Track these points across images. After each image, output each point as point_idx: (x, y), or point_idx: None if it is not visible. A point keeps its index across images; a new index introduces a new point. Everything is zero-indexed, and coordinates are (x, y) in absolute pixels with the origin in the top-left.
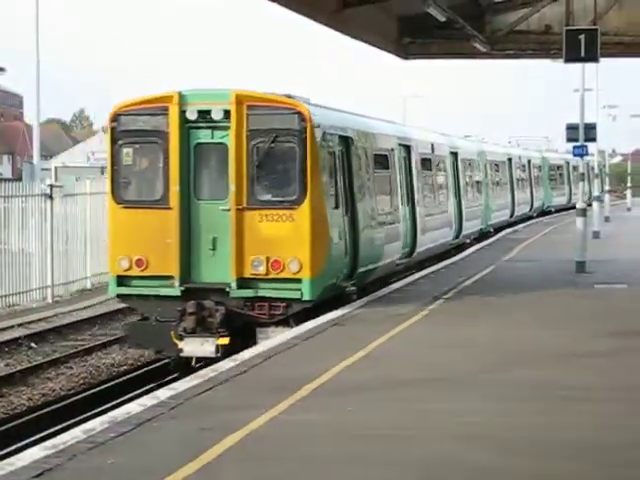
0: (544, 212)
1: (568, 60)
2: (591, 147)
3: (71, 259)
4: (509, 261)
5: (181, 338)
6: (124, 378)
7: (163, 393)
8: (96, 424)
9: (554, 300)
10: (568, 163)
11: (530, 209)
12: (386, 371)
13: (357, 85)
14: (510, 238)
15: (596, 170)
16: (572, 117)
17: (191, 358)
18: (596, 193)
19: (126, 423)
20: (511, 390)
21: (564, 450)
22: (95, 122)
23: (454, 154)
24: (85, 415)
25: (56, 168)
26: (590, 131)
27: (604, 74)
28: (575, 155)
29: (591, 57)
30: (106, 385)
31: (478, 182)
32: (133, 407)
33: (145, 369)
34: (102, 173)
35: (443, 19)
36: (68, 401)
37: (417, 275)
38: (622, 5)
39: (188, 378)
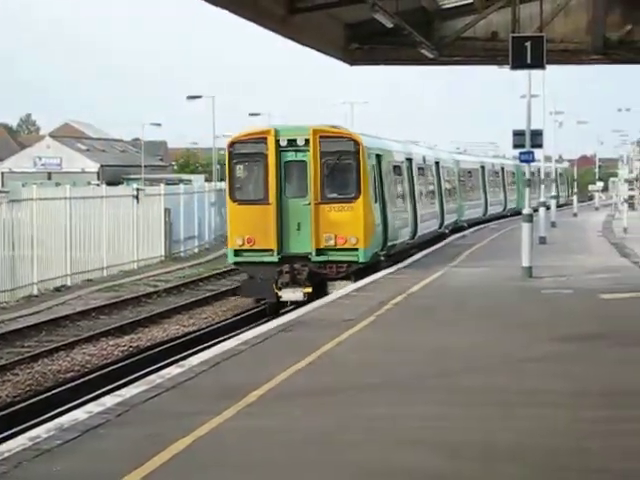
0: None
1: (514, 67)
2: (538, 153)
3: (18, 265)
4: (456, 267)
5: (280, 289)
6: (70, 385)
7: (109, 400)
8: (41, 431)
9: (501, 306)
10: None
11: (503, 209)
12: (334, 376)
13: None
14: (458, 244)
15: (542, 176)
16: (519, 123)
17: (284, 303)
18: (542, 199)
19: (72, 430)
20: (457, 395)
21: (508, 454)
22: (42, 127)
23: (437, 163)
24: (31, 422)
25: (2, 174)
26: (536, 137)
27: (551, 80)
28: (522, 161)
29: (537, 64)
30: (52, 392)
31: (454, 185)
32: (79, 414)
33: (88, 377)
34: (49, 178)
35: (390, 25)
36: (13, 408)
37: (365, 281)
38: (568, 13)
39: (134, 384)
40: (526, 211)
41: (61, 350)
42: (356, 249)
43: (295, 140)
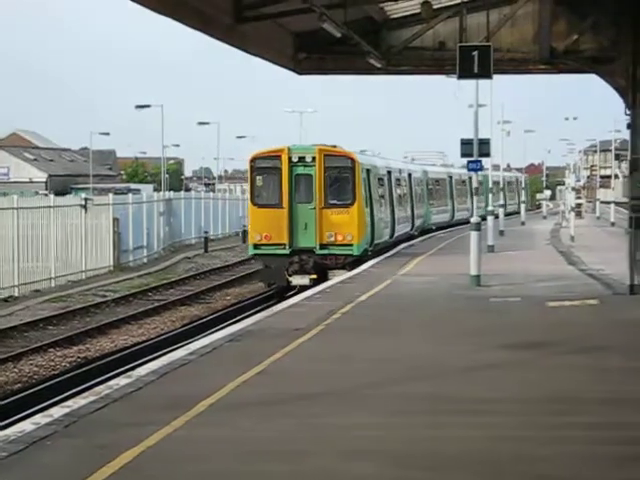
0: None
1: (462, 76)
2: (485, 162)
3: None
4: (405, 275)
5: (290, 275)
6: (18, 396)
7: (57, 411)
8: None
9: (449, 314)
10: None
11: (470, 214)
12: (282, 386)
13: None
14: (406, 253)
15: (490, 184)
16: (467, 132)
17: (294, 286)
18: (490, 207)
19: (19, 442)
20: (404, 404)
21: (455, 463)
22: None
23: (410, 175)
24: None
25: None
26: (484, 146)
27: (499, 90)
28: (470, 170)
29: (484, 73)
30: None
31: (423, 193)
32: (26, 425)
33: (36, 388)
34: None
35: (338, 35)
36: None
37: (314, 290)
38: (514, 23)
39: (82, 395)
40: (474, 220)
41: (9, 361)
42: (351, 245)
43: (304, 157)
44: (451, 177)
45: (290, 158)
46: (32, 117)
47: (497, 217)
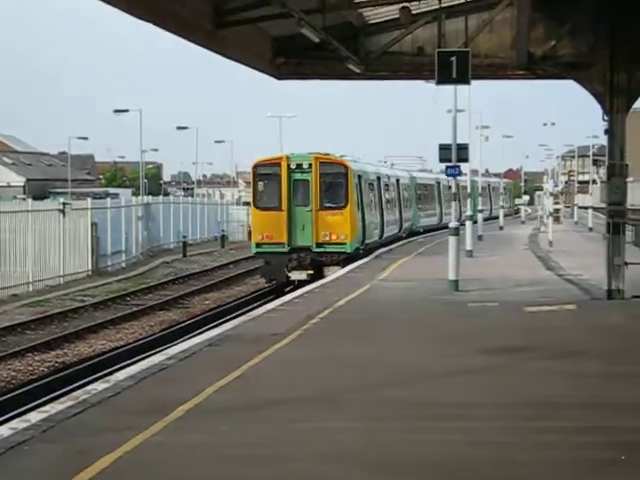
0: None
1: (440, 82)
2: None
3: None
4: (383, 280)
5: (289, 271)
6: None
7: (34, 416)
8: None
9: (427, 319)
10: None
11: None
12: (260, 391)
13: (235, 100)
14: (384, 258)
15: (468, 189)
16: (446, 137)
17: (293, 281)
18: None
19: None
20: (382, 409)
21: (433, 468)
22: None
23: (398, 180)
24: None
25: None
26: (462, 151)
27: (478, 95)
28: (448, 175)
29: (462, 79)
30: None
31: (411, 198)
32: (3, 430)
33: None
34: None
35: (317, 40)
36: None
37: (292, 295)
38: (492, 28)
39: (60, 400)
40: (452, 225)
41: None
42: (345, 243)
43: (301, 164)
44: (439, 183)
45: (289, 165)
46: (10, 121)
47: (475, 222)
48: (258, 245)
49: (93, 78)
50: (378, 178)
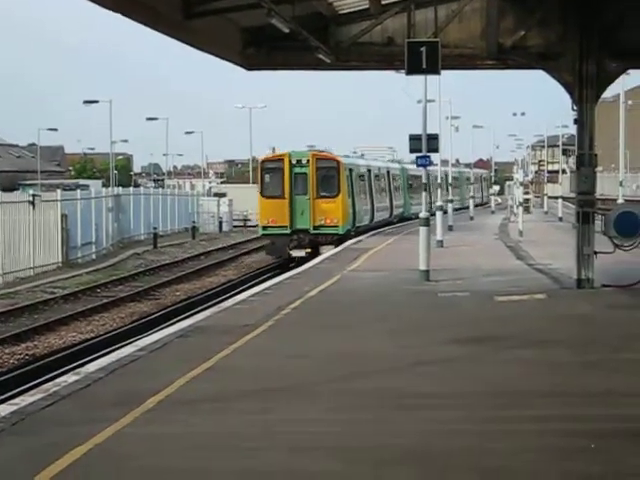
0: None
1: (410, 72)
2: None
3: None
4: (354, 271)
5: (291, 249)
6: None
7: (4, 409)
8: None
9: (398, 309)
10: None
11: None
12: (231, 382)
13: (204, 91)
14: (355, 248)
15: (439, 179)
16: (417, 128)
17: (294, 257)
18: (439, 202)
19: None
20: (353, 400)
21: (403, 457)
22: None
23: (388, 172)
24: None
25: None
26: (432, 142)
27: (448, 86)
28: (419, 165)
29: (432, 69)
30: None
31: (401, 187)
32: None
33: None
34: None
35: (286, 30)
36: None
37: (263, 286)
38: (462, 19)
39: (30, 393)
40: (422, 215)
41: None
42: (337, 226)
43: (301, 160)
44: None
45: (290, 161)
46: None
47: (446, 212)
48: (264, 228)
49: (62, 68)
50: (369, 170)
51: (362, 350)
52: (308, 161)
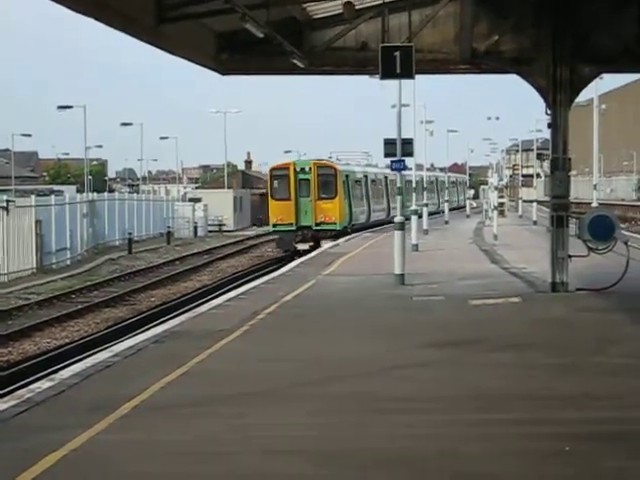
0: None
1: (384, 76)
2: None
3: None
4: (329, 275)
5: (296, 243)
6: None
7: None
8: None
9: (374, 314)
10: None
11: (438, 207)
12: (207, 388)
13: (178, 95)
14: (330, 252)
15: (414, 184)
16: (391, 132)
17: (299, 250)
18: (413, 207)
19: None
20: (330, 404)
21: (381, 461)
22: None
23: (386, 177)
24: None
25: None
26: (407, 146)
27: (423, 90)
28: (393, 169)
29: (406, 73)
30: None
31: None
32: None
33: None
34: None
35: (261, 35)
36: None
37: (238, 291)
38: (436, 23)
39: (3, 399)
40: (398, 219)
41: None
42: (335, 223)
43: (304, 168)
44: (422, 179)
45: (295, 168)
46: None
47: (420, 216)
48: (274, 225)
49: (36, 73)
50: (365, 176)
51: (338, 354)
52: (310, 169)
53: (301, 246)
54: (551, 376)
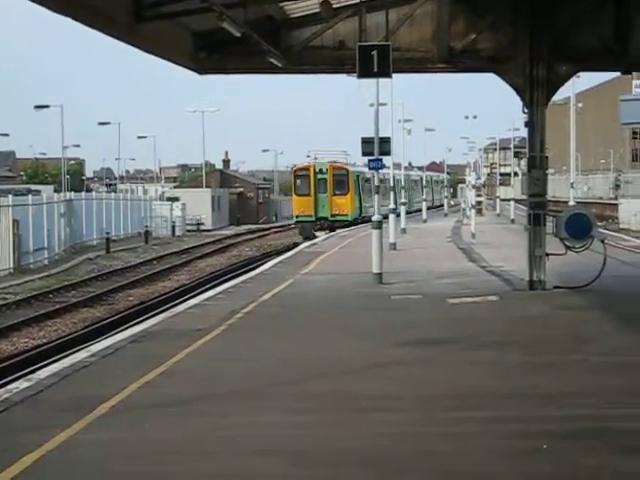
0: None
1: (362, 75)
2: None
3: None
4: (307, 274)
5: (316, 231)
6: None
7: None
8: None
9: (351, 312)
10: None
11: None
12: (185, 387)
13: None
14: (307, 252)
15: (391, 182)
16: (369, 131)
17: (315, 236)
18: (392, 205)
19: None
20: (308, 403)
21: (358, 460)
22: None
23: (394, 177)
24: None
25: None
26: (384, 145)
27: (401, 89)
28: (371, 168)
29: (383, 72)
30: None
31: (404, 189)
32: None
33: None
34: None
35: (238, 34)
36: None
37: (217, 290)
38: (413, 22)
39: None
40: (375, 218)
41: None
42: (347, 215)
43: (322, 169)
44: (422, 178)
45: (314, 169)
46: None
47: (399, 215)
48: (297, 216)
49: (12, 72)
50: (373, 175)
51: (316, 353)
52: (327, 170)
53: (319, 234)
54: (529, 374)
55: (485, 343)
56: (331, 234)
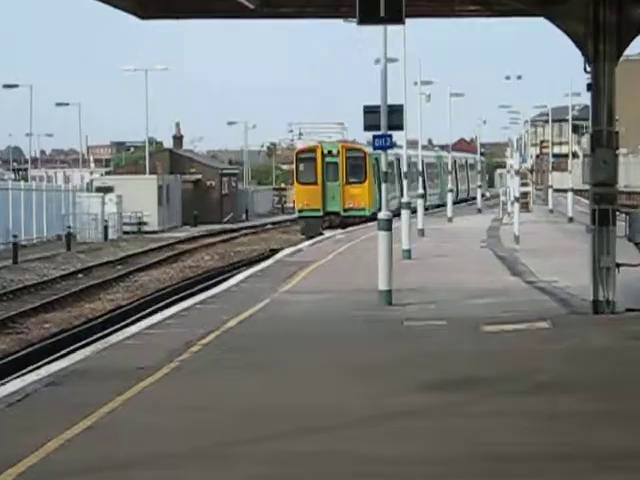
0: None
1: (363, 21)
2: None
3: None
4: (289, 292)
5: (324, 229)
6: None
7: None
8: None
9: (350, 344)
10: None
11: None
12: (121, 446)
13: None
14: (290, 261)
15: (404, 167)
16: (374, 97)
17: (322, 233)
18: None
19: None
20: (285, 467)
21: None
22: None
23: (415, 162)
24: None
25: None
26: (395, 115)
27: (417, 40)
28: (376, 148)
29: (394, 17)
30: None
31: (437, 174)
32: None
33: None
34: None
35: None
36: None
37: (165, 314)
38: None
39: None
40: (382, 215)
41: None
42: (364, 209)
43: (332, 150)
44: (444, 160)
45: (322, 151)
46: None
47: (415, 212)
48: (300, 211)
49: None
50: (397, 159)
51: (299, 401)
52: (338, 152)
53: (328, 233)
54: (585, 428)
55: (530, 387)
56: (319, 238)
